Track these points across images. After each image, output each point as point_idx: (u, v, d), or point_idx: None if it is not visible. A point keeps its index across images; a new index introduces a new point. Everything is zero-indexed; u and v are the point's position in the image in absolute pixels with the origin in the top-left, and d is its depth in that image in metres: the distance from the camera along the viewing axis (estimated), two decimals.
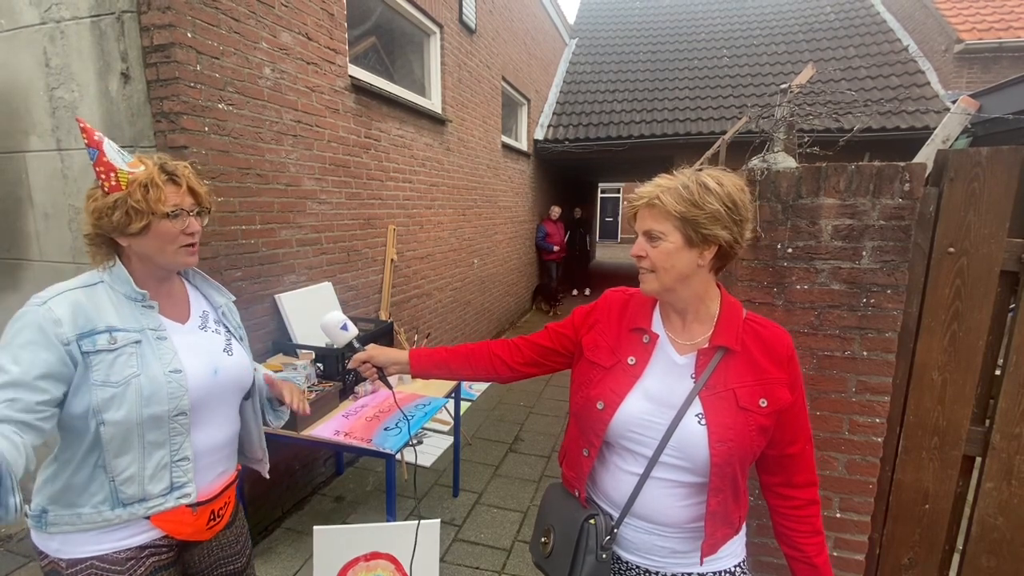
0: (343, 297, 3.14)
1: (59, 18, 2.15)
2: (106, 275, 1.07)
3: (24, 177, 2.39)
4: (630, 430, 1.00)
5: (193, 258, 1.12)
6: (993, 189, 1.31)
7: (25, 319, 0.96)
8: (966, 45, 7.75)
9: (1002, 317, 1.37)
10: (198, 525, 1.13)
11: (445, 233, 4.80)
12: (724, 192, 0.90)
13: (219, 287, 1.32)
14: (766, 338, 0.99)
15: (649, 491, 1.00)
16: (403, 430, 2.12)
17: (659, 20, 10.67)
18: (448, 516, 2.76)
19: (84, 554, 1.02)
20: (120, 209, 1.00)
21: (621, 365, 1.04)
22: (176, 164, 1.10)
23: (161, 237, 1.05)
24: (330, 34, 2.96)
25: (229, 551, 1.28)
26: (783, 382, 0.97)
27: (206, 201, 1.13)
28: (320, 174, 2.93)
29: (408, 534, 1.74)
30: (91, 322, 1.00)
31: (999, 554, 1.43)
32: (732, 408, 0.94)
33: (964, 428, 1.42)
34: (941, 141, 1.86)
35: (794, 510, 1.05)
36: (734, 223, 0.92)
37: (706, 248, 0.93)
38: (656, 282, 0.97)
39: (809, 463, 1.05)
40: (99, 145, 1.01)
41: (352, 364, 1.20)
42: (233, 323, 1.30)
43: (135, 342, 1.03)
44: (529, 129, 7.66)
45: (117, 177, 1.02)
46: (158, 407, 1.02)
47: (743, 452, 0.94)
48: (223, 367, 1.17)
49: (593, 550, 1.02)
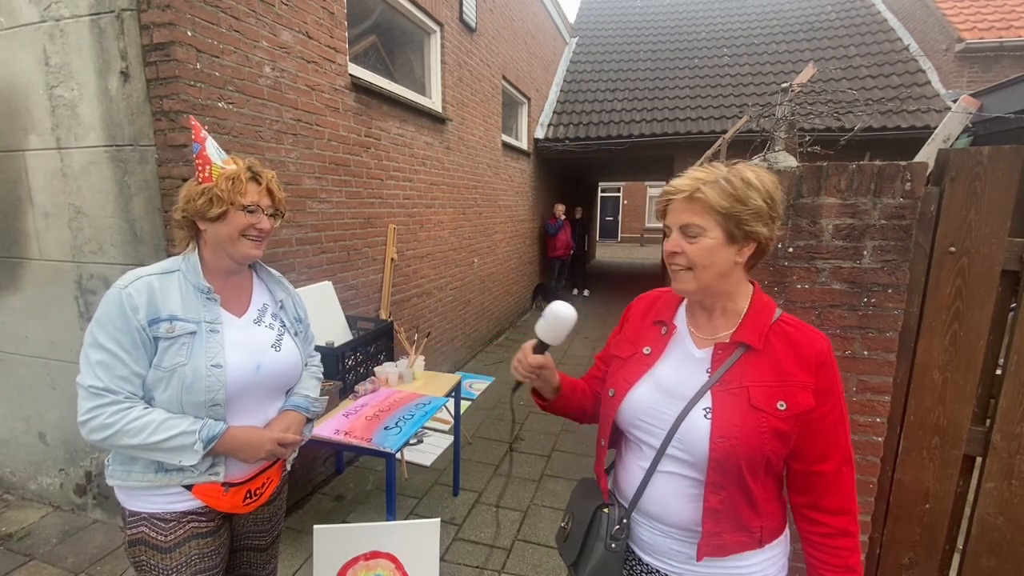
0: (343, 296, 3.13)
1: (59, 16, 2.15)
2: (184, 263, 1.20)
3: (24, 176, 2.39)
4: (638, 418, 1.00)
5: (257, 251, 1.24)
6: (994, 188, 1.30)
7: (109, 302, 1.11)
8: (967, 44, 7.73)
9: (1003, 317, 1.37)
10: (233, 502, 1.23)
11: (445, 232, 4.80)
12: (765, 188, 0.89)
13: (282, 282, 1.42)
14: (796, 340, 0.94)
15: (656, 485, 0.99)
16: (403, 429, 2.12)
17: (659, 19, 10.66)
18: (448, 516, 2.76)
19: (138, 508, 1.19)
20: (206, 196, 1.14)
21: (637, 355, 1.04)
22: (263, 168, 1.24)
23: (234, 226, 1.17)
24: (330, 33, 2.95)
25: (260, 527, 1.39)
26: (808, 386, 0.91)
27: (282, 205, 1.27)
28: (320, 173, 2.93)
29: (408, 533, 1.74)
30: (157, 310, 1.12)
31: (999, 554, 1.43)
32: (743, 406, 0.91)
33: (965, 428, 1.42)
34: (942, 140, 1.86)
35: (822, 538, 0.96)
36: (772, 220, 0.90)
37: (746, 245, 0.91)
38: (693, 281, 0.93)
39: (844, 487, 0.95)
40: (203, 141, 1.16)
41: (534, 362, 1.06)
42: (291, 318, 1.38)
43: (190, 333, 1.14)
44: (529, 128, 7.65)
45: (211, 170, 1.16)
46: (196, 396, 1.13)
47: (749, 453, 0.89)
48: (267, 363, 1.25)
49: (603, 538, 1.02)
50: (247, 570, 1.41)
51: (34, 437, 2.68)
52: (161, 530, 1.18)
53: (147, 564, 1.18)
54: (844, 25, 8.61)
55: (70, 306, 2.43)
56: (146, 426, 1.09)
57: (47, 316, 2.49)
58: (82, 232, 2.32)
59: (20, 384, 2.65)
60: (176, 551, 1.18)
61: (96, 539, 2.47)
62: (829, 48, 8.20)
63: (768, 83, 7.76)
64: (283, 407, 1.34)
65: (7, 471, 2.82)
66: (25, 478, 2.77)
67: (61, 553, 2.38)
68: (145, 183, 2.15)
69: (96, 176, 2.24)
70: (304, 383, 1.40)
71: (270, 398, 1.31)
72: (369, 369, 2.73)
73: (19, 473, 2.78)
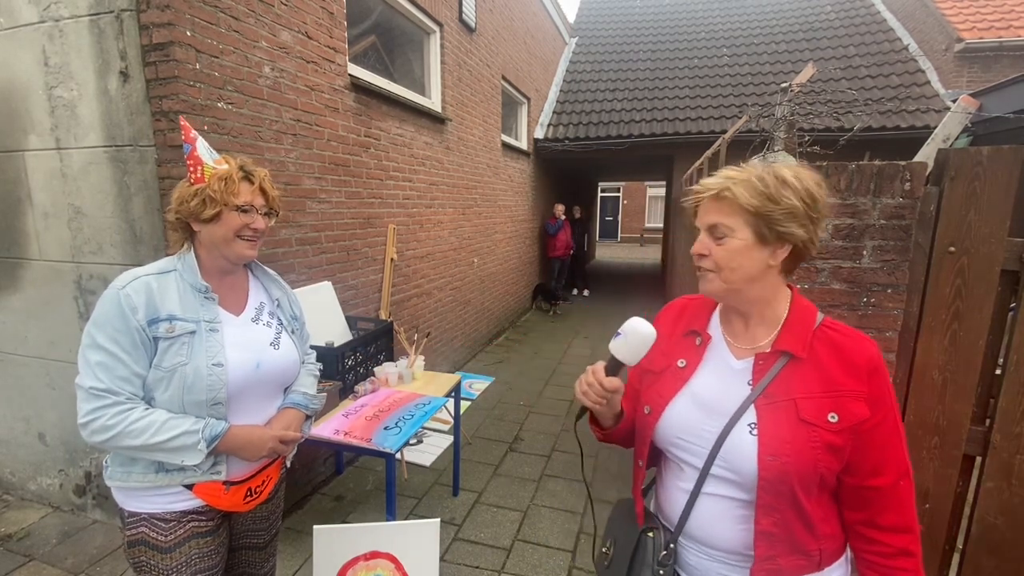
0: (343, 296, 3.13)
1: (58, 16, 2.14)
2: (180, 263, 1.19)
3: (23, 176, 2.39)
4: (677, 436, 0.94)
5: (252, 252, 1.23)
6: (994, 188, 1.31)
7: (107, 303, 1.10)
8: (966, 44, 7.73)
9: (1002, 316, 1.37)
10: (234, 500, 1.24)
11: (445, 232, 4.80)
12: (803, 187, 0.83)
13: (277, 280, 1.41)
14: (843, 346, 0.87)
15: (702, 508, 0.92)
16: (403, 429, 2.12)
17: (659, 19, 10.66)
18: (448, 516, 2.76)
19: (138, 508, 1.18)
20: (199, 197, 1.14)
21: (671, 369, 0.98)
22: (255, 167, 1.23)
23: (228, 226, 1.16)
24: (330, 33, 2.95)
25: (259, 526, 1.39)
26: (860, 395, 0.84)
27: (276, 204, 1.25)
28: (320, 173, 2.92)
29: (408, 533, 1.74)
30: (156, 310, 1.12)
31: (999, 554, 1.43)
32: (791, 420, 0.84)
33: (964, 427, 1.42)
34: (942, 140, 1.86)
35: (879, 558, 0.88)
36: (811, 221, 0.84)
37: (779, 247, 0.85)
38: (718, 282, 0.88)
39: (903, 503, 0.87)
40: (193, 142, 1.15)
41: (609, 386, 0.94)
42: (287, 316, 1.38)
43: (190, 332, 1.14)
44: (529, 128, 7.65)
45: (202, 171, 1.15)
46: (197, 396, 1.14)
47: (802, 471, 0.83)
48: (266, 361, 1.26)
49: (649, 564, 0.96)
50: (246, 569, 1.41)
51: (34, 437, 2.68)
52: (161, 530, 1.17)
53: (147, 564, 1.18)
54: (843, 25, 8.62)
55: (70, 306, 2.42)
56: (148, 427, 1.08)
57: (47, 316, 2.49)
58: (82, 232, 2.32)
59: (20, 384, 2.65)
60: (176, 551, 1.18)
61: (96, 540, 2.47)
62: (828, 48, 8.21)
63: (768, 83, 7.76)
64: (282, 405, 1.35)
65: (7, 471, 2.82)
66: (25, 478, 2.77)
67: (61, 554, 2.37)
68: (145, 183, 2.15)
69: (96, 176, 2.24)
70: (302, 380, 1.41)
71: (269, 396, 1.31)
72: (369, 369, 2.73)
73: (19, 473, 2.78)
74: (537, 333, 6.90)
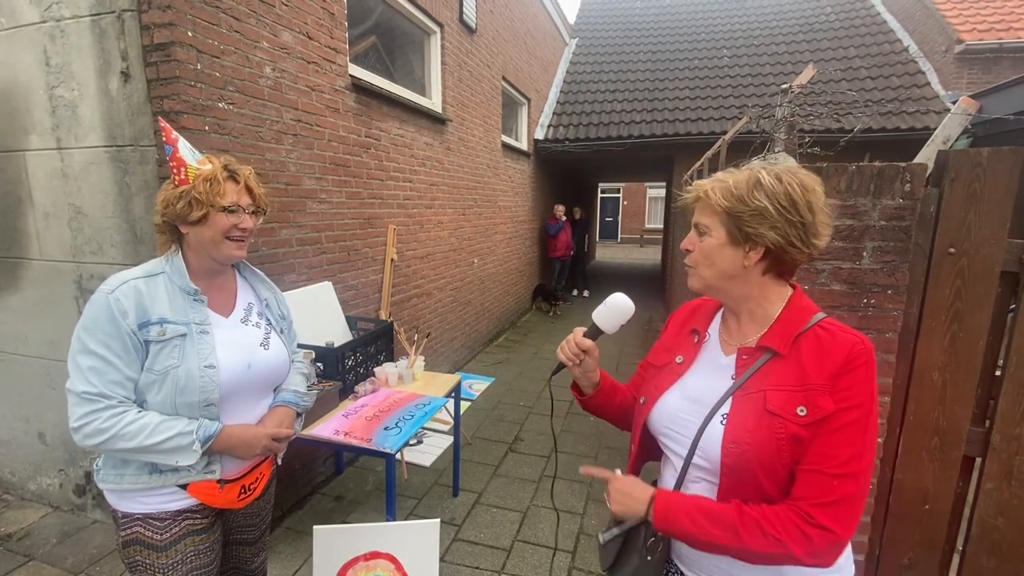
0: (343, 297, 3.14)
1: (59, 16, 2.15)
2: (167, 266, 1.18)
3: (24, 176, 2.39)
4: (666, 426, 0.99)
5: (241, 252, 1.22)
6: (994, 190, 1.31)
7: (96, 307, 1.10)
8: (966, 45, 7.75)
9: (1002, 318, 1.37)
10: (228, 498, 1.25)
11: (445, 233, 4.80)
12: (779, 190, 0.84)
13: (265, 280, 1.41)
14: (825, 343, 0.87)
15: None
16: (403, 430, 2.12)
17: (659, 20, 10.67)
18: (448, 516, 2.76)
19: (132, 510, 1.18)
20: (184, 199, 1.12)
21: (670, 364, 1.05)
22: (239, 166, 1.21)
23: (216, 228, 1.15)
24: (330, 33, 2.96)
25: (250, 521, 1.41)
26: (824, 389, 0.83)
27: (262, 202, 1.24)
28: (320, 173, 2.93)
29: (408, 534, 1.74)
30: (146, 314, 1.12)
31: (999, 554, 1.43)
32: (757, 411, 0.87)
33: (964, 429, 1.42)
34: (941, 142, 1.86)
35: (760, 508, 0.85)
36: (788, 224, 0.84)
37: (752, 248, 0.87)
38: (696, 277, 0.95)
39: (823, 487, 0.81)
40: (175, 143, 1.13)
41: (581, 343, 1.08)
42: (276, 315, 1.38)
43: (181, 335, 1.14)
44: (529, 129, 7.65)
45: (186, 172, 1.13)
46: (190, 397, 1.14)
47: (763, 459, 0.84)
48: (256, 361, 1.26)
49: (638, 550, 1.00)
50: (237, 564, 1.42)
51: (33, 437, 2.68)
52: (156, 529, 1.18)
53: (143, 564, 1.18)
54: (844, 26, 8.62)
55: (70, 306, 2.43)
56: (142, 429, 1.08)
57: (47, 316, 2.49)
58: (82, 232, 2.32)
59: (20, 384, 2.65)
60: (172, 548, 1.19)
61: (95, 539, 2.47)
62: (829, 49, 8.21)
63: (768, 84, 7.76)
64: (273, 403, 1.36)
65: (7, 471, 2.82)
66: (24, 478, 2.77)
67: (60, 553, 2.37)
68: (145, 183, 2.15)
69: (96, 176, 2.24)
70: (291, 379, 1.41)
71: (260, 396, 1.32)
72: (369, 369, 2.73)
73: (19, 473, 2.78)
74: (537, 334, 6.90)
